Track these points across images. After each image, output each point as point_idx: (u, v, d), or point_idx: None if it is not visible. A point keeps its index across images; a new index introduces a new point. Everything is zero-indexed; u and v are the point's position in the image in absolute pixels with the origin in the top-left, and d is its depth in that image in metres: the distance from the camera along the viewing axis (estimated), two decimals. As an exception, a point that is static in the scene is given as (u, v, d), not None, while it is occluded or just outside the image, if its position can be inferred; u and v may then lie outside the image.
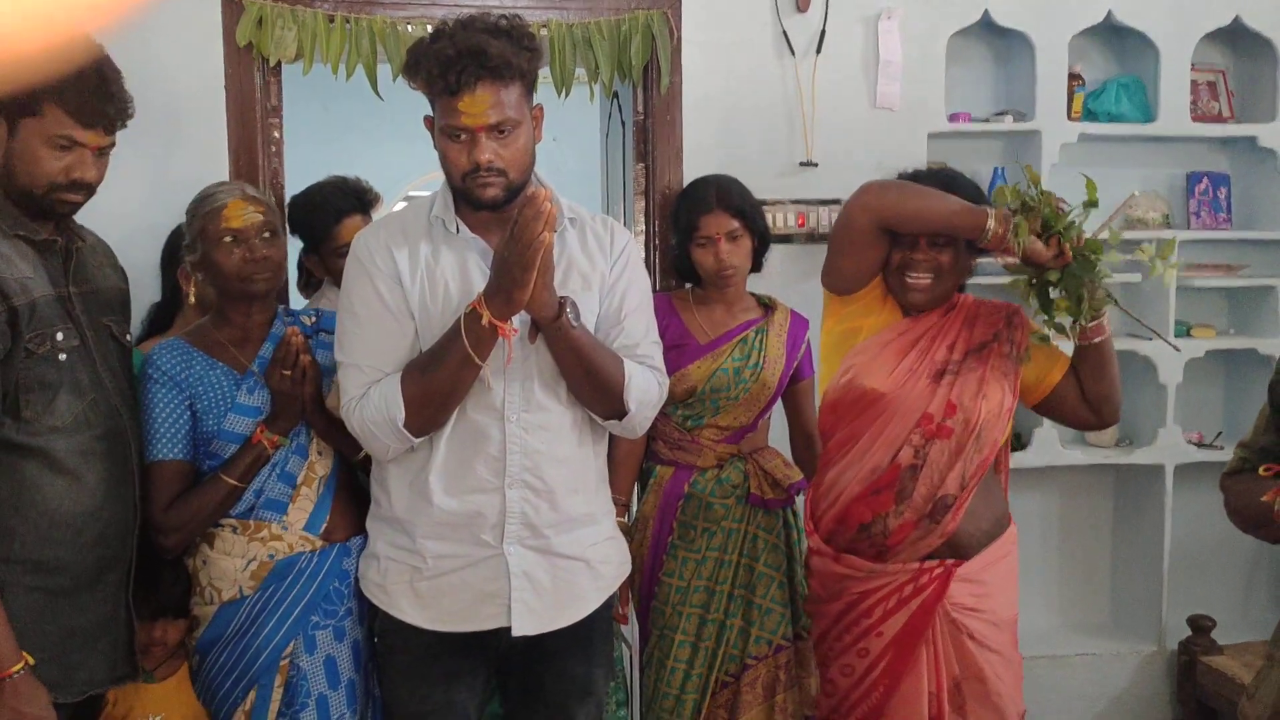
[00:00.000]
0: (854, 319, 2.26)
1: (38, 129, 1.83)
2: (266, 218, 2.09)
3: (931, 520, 2.14)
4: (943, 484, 2.13)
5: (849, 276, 2.23)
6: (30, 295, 1.83)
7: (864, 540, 2.19)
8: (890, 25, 3.17)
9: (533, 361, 1.94)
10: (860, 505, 2.18)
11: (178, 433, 2.05)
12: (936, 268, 2.18)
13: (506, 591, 1.94)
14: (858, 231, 2.16)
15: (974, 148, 3.39)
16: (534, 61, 1.91)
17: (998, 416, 2.16)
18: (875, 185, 2.19)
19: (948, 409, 2.14)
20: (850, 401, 2.21)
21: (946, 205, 2.11)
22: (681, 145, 3.13)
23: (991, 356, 2.18)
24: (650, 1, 3.06)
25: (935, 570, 2.16)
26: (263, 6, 2.87)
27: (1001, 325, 2.22)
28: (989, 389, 2.15)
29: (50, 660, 1.86)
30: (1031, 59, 3.29)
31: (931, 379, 2.17)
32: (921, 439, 2.14)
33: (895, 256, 2.19)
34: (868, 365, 2.20)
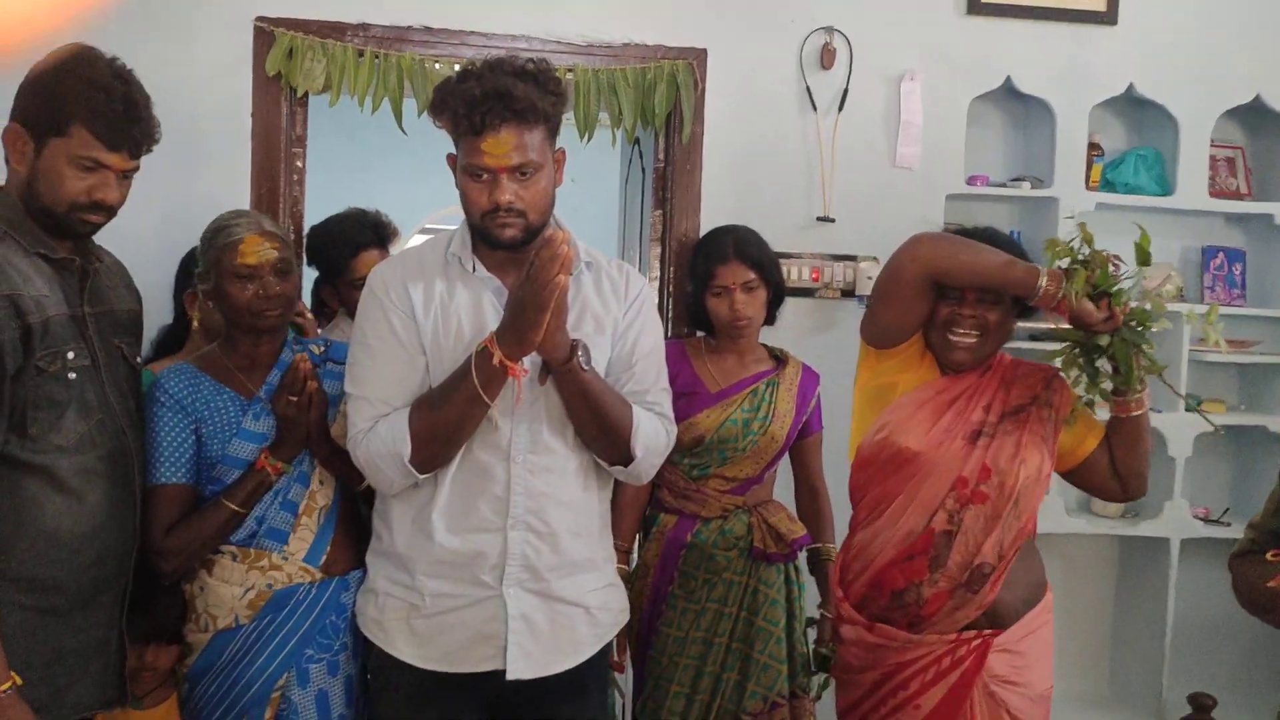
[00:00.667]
0: (890, 374, 2.19)
1: (64, 149, 1.84)
2: (281, 254, 2.09)
3: (968, 590, 2.08)
4: (979, 552, 2.07)
5: (890, 329, 2.17)
6: (45, 313, 1.83)
7: (897, 609, 2.12)
8: (913, 86, 3.20)
9: (541, 403, 1.94)
10: (893, 571, 2.12)
11: (181, 456, 2.04)
12: (983, 325, 2.11)
13: (503, 634, 1.92)
14: (905, 282, 2.09)
15: (990, 211, 3.41)
16: (558, 106, 1.92)
17: (1036, 482, 2.10)
18: (927, 236, 2.14)
19: (982, 473, 2.08)
20: (884, 460, 2.15)
21: (999, 259, 2.04)
22: (700, 194, 3.15)
23: (1029, 420, 2.12)
24: (676, 52, 3.10)
25: (974, 642, 2.08)
26: (294, 38, 2.90)
27: (1040, 388, 2.16)
28: (1027, 453, 2.09)
29: (39, 681, 1.83)
30: (1052, 126, 3.32)
31: (967, 440, 2.11)
32: (956, 504, 2.08)
33: (941, 311, 2.13)
34: (903, 423, 2.14)
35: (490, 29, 3.03)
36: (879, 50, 3.20)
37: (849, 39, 3.18)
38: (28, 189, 1.86)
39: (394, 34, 2.98)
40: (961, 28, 3.25)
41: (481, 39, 3.02)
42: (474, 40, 3.02)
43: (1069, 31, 3.29)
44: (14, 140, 1.86)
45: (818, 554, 2.71)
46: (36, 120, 1.84)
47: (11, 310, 1.78)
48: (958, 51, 3.25)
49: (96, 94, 1.82)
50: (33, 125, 1.85)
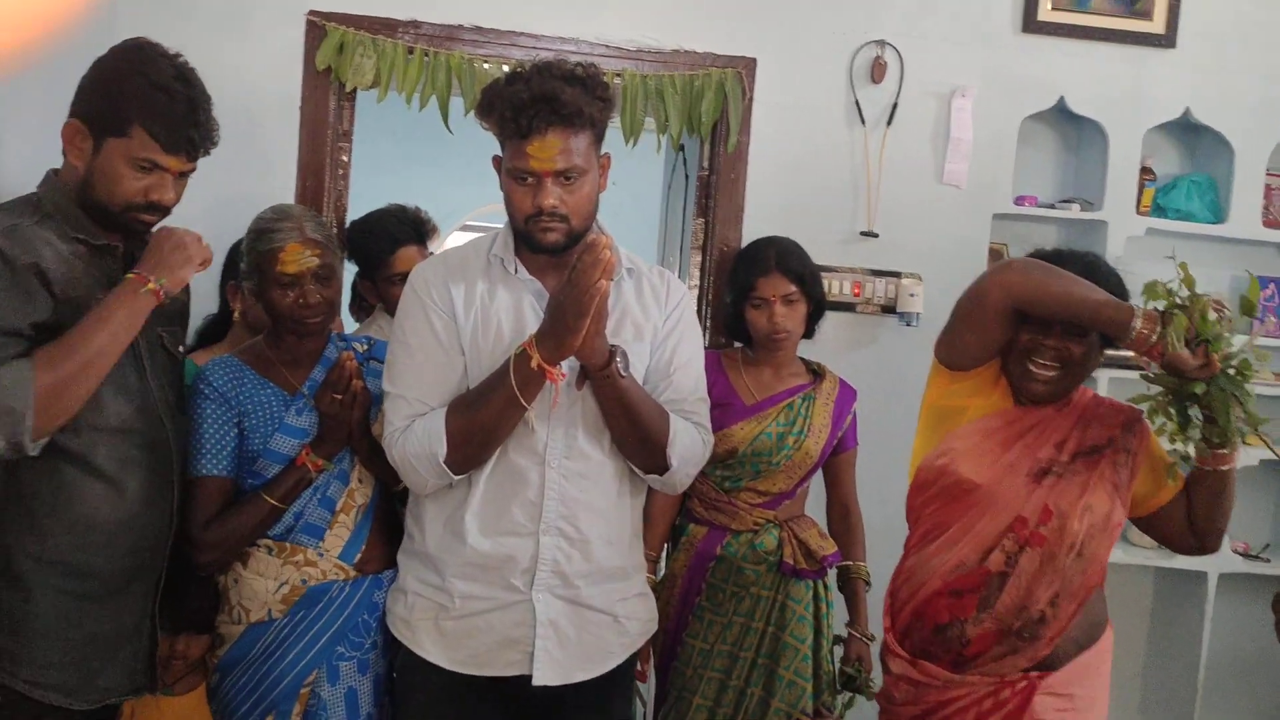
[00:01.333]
0: (960, 397, 2.09)
1: (122, 149, 1.84)
2: (323, 260, 2.08)
3: (1019, 638, 1.98)
4: (1031, 598, 1.97)
5: (967, 353, 2.07)
6: (77, 292, 1.82)
7: (939, 643, 2.04)
8: (964, 104, 3.17)
9: (578, 408, 1.93)
10: (938, 603, 2.04)
11: (223, 449, 2.05)
12: (1066, 359, 2.00)
13: (531, 639, 1.91)
14: (990, 308, 1.99)
15: (1038, 232, 3.36)
16: (605, 111, 1.92)
17: (1103, 531, 1.98)
18: (1019, 263, 2.01)
19: (1043, 514, 1.97)
20: (943, 487, 2.07)
21: (1092, 295, 1.90)
22: (743, 204, 3.13)
23: (1102, 463, 2.01)
24: (726, 60, 3.08)
25: (1019, 684, 1.99)
26: (345, 33, 2.92)
27: (1118, 431, 2.04)
28: (1094, 498, 1.98)
29: (70, 664, 1.85)
30: (1104, 149, 3.27)
31: (1031, 478, 2.00)
32: (1014, 544, 1.98)
33: (1023, 338, 2.01)
34: (967, 452, 2.04)
35: (540, 31, 3.03)
36: (931, 65, 3.17)
37: (900, 53, 3.15)
38: (83, 184, 1.87)
39: (444, 32, 2.99)
40: (1016, 46, 3.21)
41: (531, 40, 3.02)
42: (523, 41, 3.02)
43: (1125, 53, 3.25)
44: (72, 136, 1.87)
45: (847, 571, 2.68)
46: (96, 118, 1.85)
47: (40, 279, 1.77)
48: (1011, 70, 3.21)
49: (158, 95, 1.83)
50: (92, 123, 1.85)
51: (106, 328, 1.79)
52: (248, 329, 2.49)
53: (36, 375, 1.71)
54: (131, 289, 1.84)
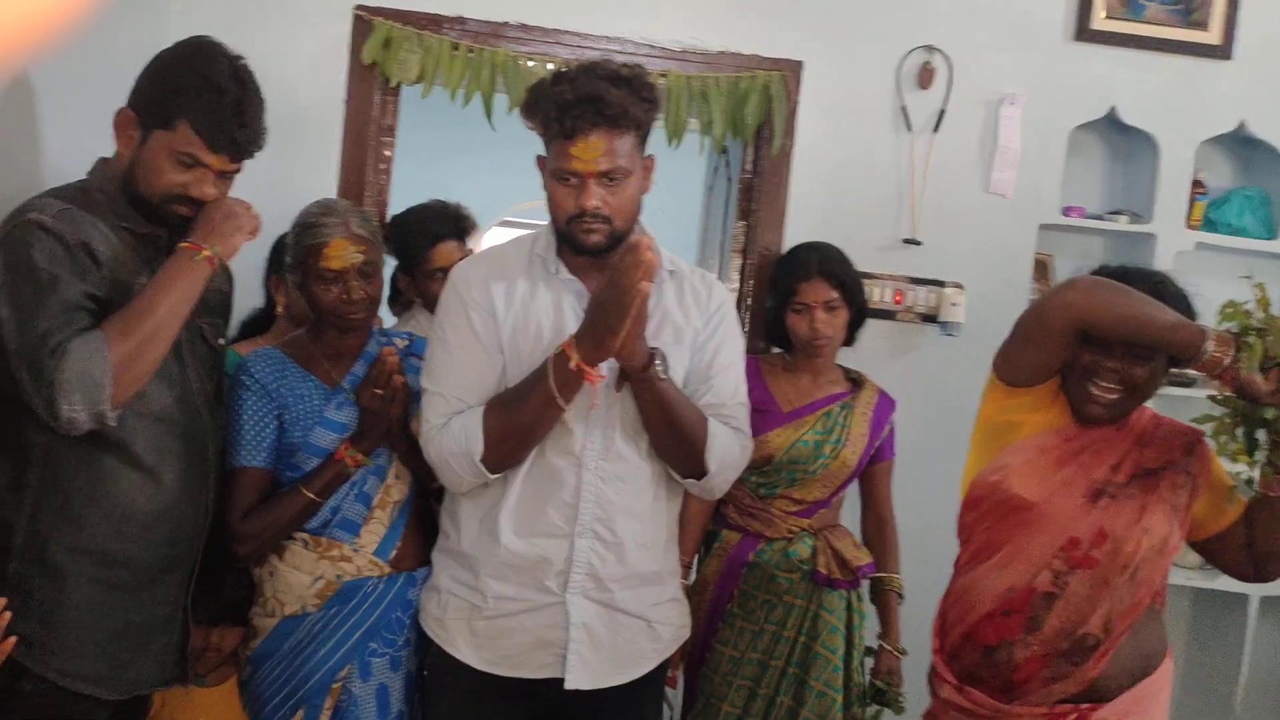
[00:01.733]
0: (1017, 413, 2.04)
1: (166, 142, 1.85)
2: (367, 256, 2.08)
3: (1069, 662, 1.93)
4: (1083, 621, 1.92)
5: (1026, 370, 2.01)
6: (122, 276, 1.83)
7: (988, 667, 1.99)
8: (1012, 112, 3.12)
9: (616, 410, 1.92)
10: (988, 625, 1.99)
11: (263, 441, 2.06)
12: (1128, 381, 1.94)
13: (564, 641, 1.90)
14: (1052, 327, 1.93)
15: (1084, 243, 3.32)
16: (651, 113, 1.90)
17: (1159, 554, 1.93)
18: (1084, 281, 1.95)
19: (1097, 536, 1.92)
20: (995, 504, 2.02)
21: (1161, 316, 1.85)
22: (786, 207, 3.10)
23: (1160, 486, 1.95)
24: (772, 63, 3.06)
25: (1068, 717, 1.94)
26: (391, 28, 2.92)
27: (1179, 453, 1.98)
28: (1151, 521, 1.93)
29: (101, 654, 1.85)
30: (1154, 160, 3.22)
31: (1086, 498, 1.95)
32: (1064, 565, 1.94)
33: (1084, 357, 1.95)
34: (1020, 469, 1.99)
35: (585, 29, 3.02)
36: (980, 72, 3.13)
37: (949, 59, 3.11)
38: (128, 173, 1.89)
39: (489, 29, 2.98)
40: (1067, 54, 3.16)
41: (576, 39, 3.01)
42: (568, 40, 3.01)
43: (1180, 64, 3.19)
44: (123, 125, 1.88)
45: (880, 583, 2.64)
46: (146, 109, 1.86)
47: (89, 259, 1.78)
48: (1062, 78, 3.16)
49: (208, 93, 1.83)
50: (142, 113, 1.86)
51: (168, 296, 1.81)
52: (291, 322, 2.49)
53: (110, 345, 1.72)
54: (186, 257, 1.85)
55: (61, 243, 1.75)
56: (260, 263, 2.65)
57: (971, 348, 3.13)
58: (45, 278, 1.73)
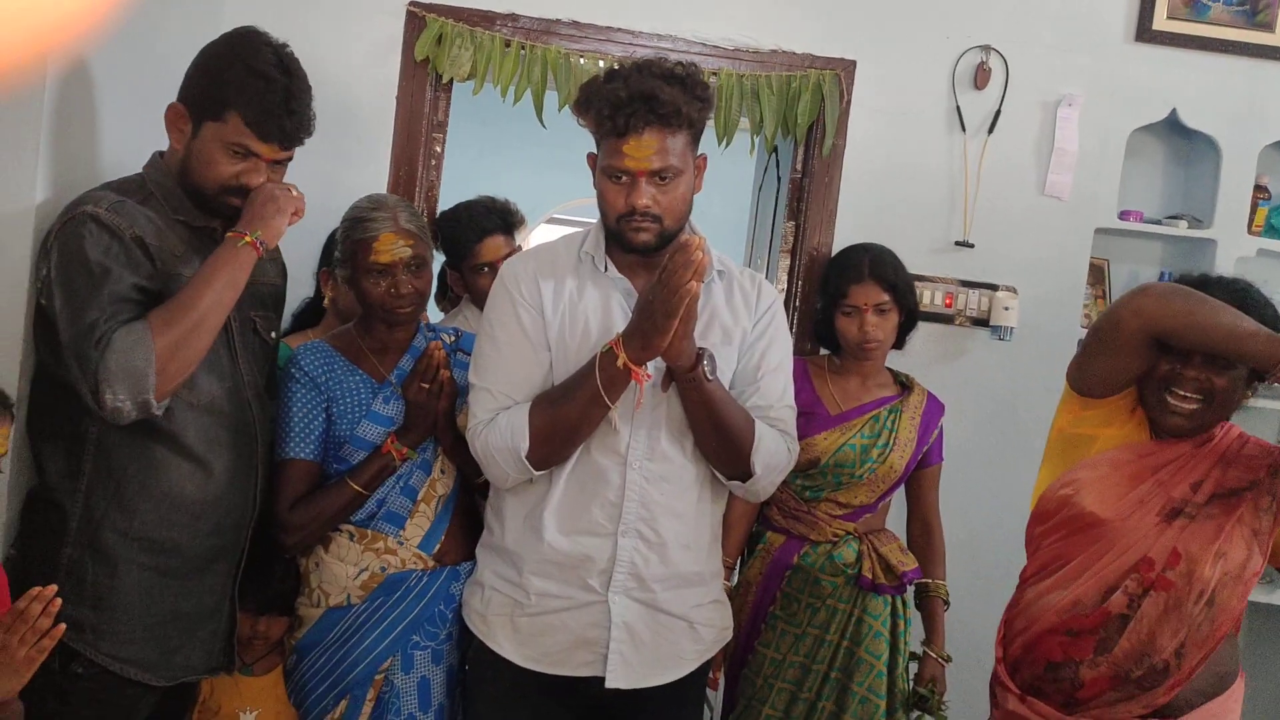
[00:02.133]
0: (1091, 425, 1.99)
1: (217, 133, 1.87)
2: (415, 250, 2.09)
3: (1138, 687, 1.89)
4: (1154, 645, 1.88)
5: (1100, 380, 1.97)
6: (176, 268, 1.86)
7: (1050, 681, 1.96)
8: (1070, 113, 3.07)
9: (662, 410, 1.91)
10: (1052, 640, 1.95)
11: (311, 433, 2.08)
12: (1208, 391, 1.89)
13: (605, 640, 1.90)
14: (1125, 336, 1.89)
15: (1142, 248, 3.25)
16: (704, 112, 1.89)
17: (1238, 580, 1.87)
18: (1157, 289, 1.93)
19: (1171, 557, 1.87)
20: (1066, 519, 1.98)
21: (1239, 325, 1.81)
22: (836, 208, 3.07)
23: (1241, 507, 1.89)
24: (824, 61, 3.03)
25: None
26: (444, 24, 2.93)
27: (1264, 474, 1.91)
28: (1230, 546, 1.87)
29: (150, 640, 1.88)
30: (1216, 165, 3.15)
31: (1162, 517, 1.90)
32: (1138, 586, 1.89)
33: (1162, 367, 1.91)
34: (1093, 484, 1.95)
35: (637, 27, 3.01)
36: (1037, 73, 3.08)
37: (1006, 59, 3.06)
38: (182, 165, 1.91)
39: (541, 26, 2.99)
40: (1128, 55, 3.10)
41: (628, 36, 3.00)
42: (620, 37, 3.01)
43: (1244, 66, 3.11)
44: (175, 118, 1.91)
45: (925, 589, 2.61)
46: (197, 101, 1.88)
47: (143, 252, 1.81)
48: (1122, 80, 3.10)
49: (256, 83, 1.85)
50: (193, 106, 1.89)
51: (212, 286, 1.82)
52: (339, 316, 2.51)
53: (154, 335, 1.74)
54: (230, 245, 1.87)
55: (114, 236, 1.78)
56: (310, 255, 2.68)
57: (1024, 353, 3.09)
58: (97, 270, 1.75)
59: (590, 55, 2.99)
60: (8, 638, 1.44)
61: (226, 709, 2.14)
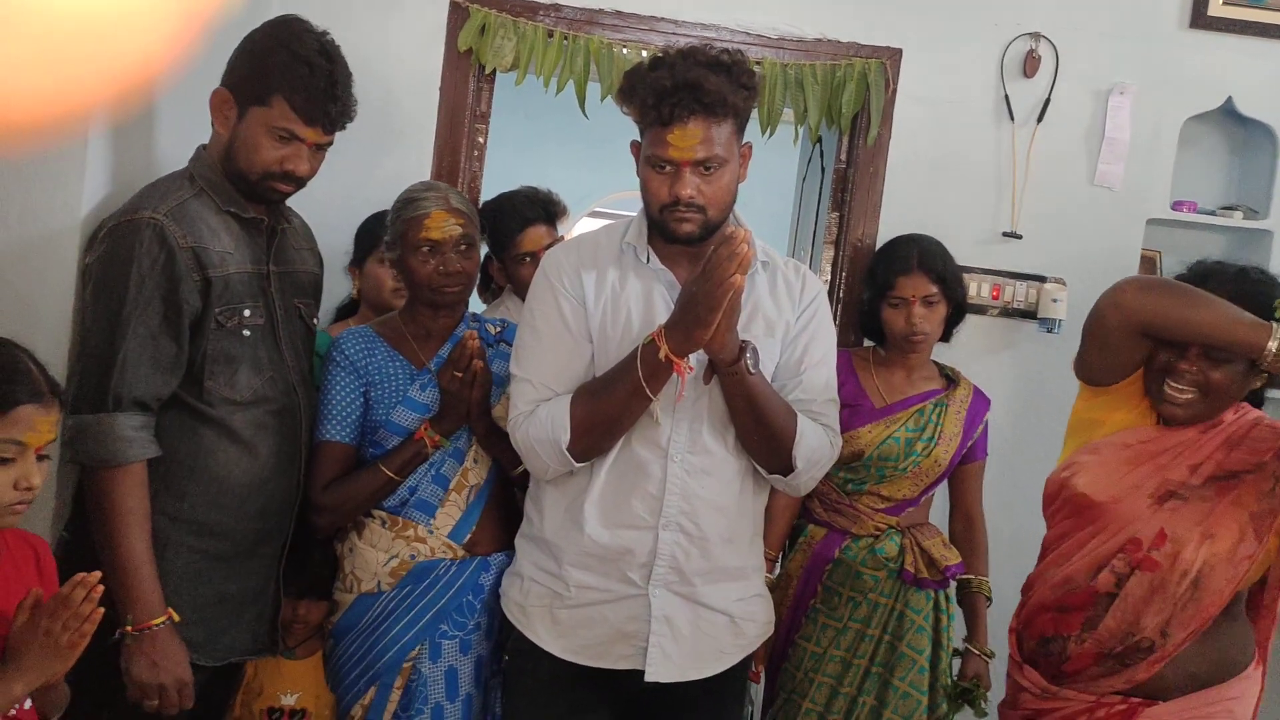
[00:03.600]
0: (1099, 411, 2.02)
1: (263, 118, 1.90)
2: (465, 230, 2.11)
3: (1119, 662, 1.92)
4: (1137, 623, 1.90)
5: (1097, 370, 2.00)
6: (227, 269, 1.90)
7: (1042, 654, 2.02)
8: (1122, 102, 3.01)
9: (704, 403, 1.89)
10: (1045, 616, 2.00)
11: (349, 417, 2.09)
12: (1203, 384, 1.89)
13: (645, 634, 1.89)
14: (1108, 330, 1.93)
15: (1195, 240, 3.17)
16: (750, 100, 1.87)
17: (1227, 563, 1.86)
18: (1135, 283, 1.94)
19: (1158, 538, 1.89)
20: (1064, 500, 2.02)
21: (1221, 316, 1.83)
22: (881, 199, 3.04)
23: (1238, 489, 1.88)
24: (870, 50, 2.99)
25: (1116, 706, 1.93)
26: (486, 15, 2.93)
27: (1270, 456, 1.89)
28: (1219, 528, 1.87)
29: (198, 622, 1.91)
30: (1273, 153, 3.08)
31: (1155, 499, 1.92)
32: (1125, 565, 1.91)
33: (1160, 357, 1.92)
34: (1091, 468, 1.97)
35: (681, 16, 2.99)
36: (1088, 61, 3.02)
37: (1056, 47, 3.01)
38: (226, 151, 1.94)
39: (585, 16, 2.97)
40: (1181, 42, 3.03)
41: (671, 26, 2.99)
42: (663, 27, 2.99)
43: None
44: (220, 104, 1.94)
45: (968, 585, 2.58)
46: (242, 87, 1.91)
47: (195, 262, 1.86)
48: (1175, 67, 3.03)
49: (300, 68, 1.87)
50: (238, 92, 1.91)
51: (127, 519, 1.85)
52: (369, 307, 2.53)
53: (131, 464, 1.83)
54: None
55: (166, 248, 1.83)
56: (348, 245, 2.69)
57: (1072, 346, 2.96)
58: (134, 288, 1.81)
59: (633, 45, 2.97)
60: (51, 623, 1.46)
61: (269, 691, 2.17)
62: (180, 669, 1.83)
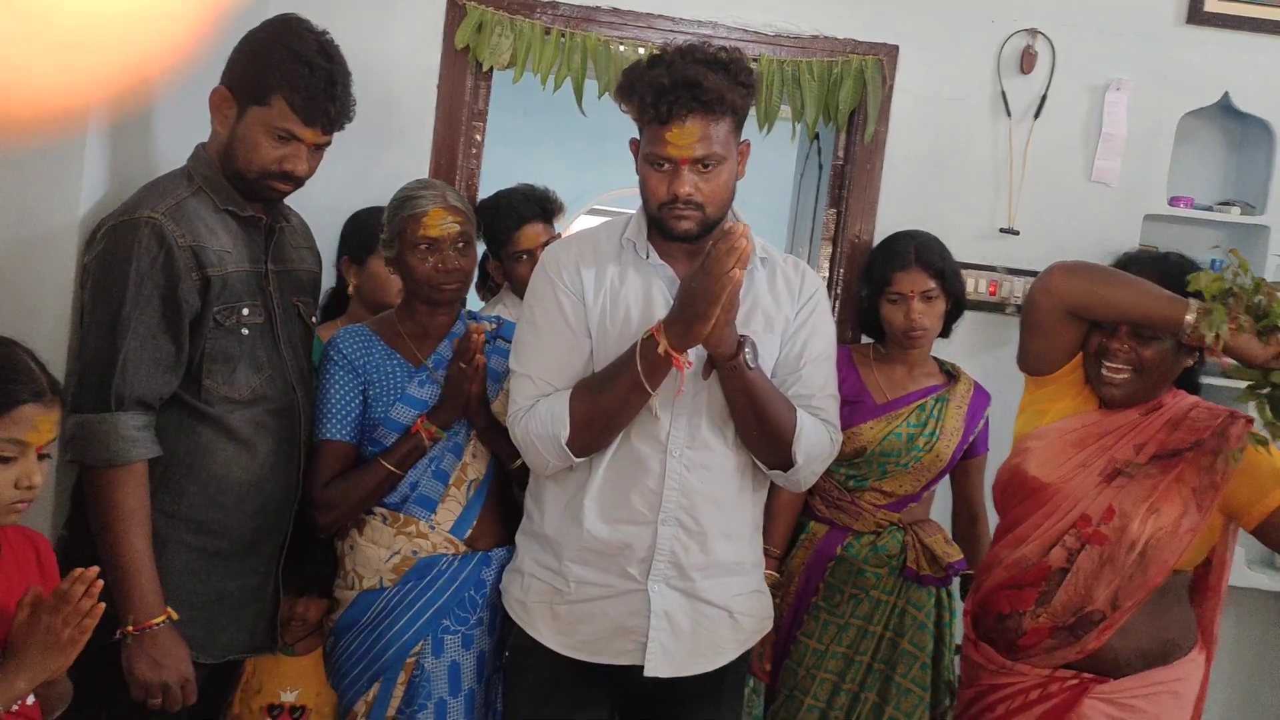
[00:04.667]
0: (1043, 402, 2.10)
1: (262, 117, 1.90)
2: (463, 228, 2.11)
3: (1072, 634, 1.98)
4: (1089, 596, 1.96)
5: (1036, 358, 2.08)
6: (226, 268, 1.90)
7: (999, 631, 2.07)
8: (1119, 97, 3.01)
9: (703, 398, 1.90)
10: (1001, 595, 2.06)
11: (348, 415, 2.09)
12: (1136, 362, 1.97)
13: (644, 629, 1.89)
14: (1041, 314, 2.02)
15: (1192, 235, 3.17)
16: (748, 98, 1.87)
17: (1171, 535, 1.93)
18: (1062, 267, 2.01)
19: (1106, 513, 1.96)
20: (1015, 486, 2.08)
21: (1141, 294, 1.92)
22: (878, 195, 3.04)
23: (1180, 466, 1.95)
24: (867, 47, 2.99)
25: (1068, 681, 1.99)
26: (484, 12, 2.93)
27: (1209, 434, 1.96)
28: (1164, 503, 1.94)
29: (197, 620, 1.91)
30: (1270, 149, 3.08)
31: (1102, 477, 1.98)
32: (1076, 541, 1.98)
33: (1093, 341, 2.02)
34: (1039, 452, 2.05)
35: (678, 14, 2.99)
36: (1085, 56, 3.02)
37: (1053, 43, 3.01)
38: (225, 150, 1.94)
39: (582, 13, 2.98)
40: (1178, 38, 3.03)
41: (669, 23, 2.99)
42: (661, 24, 2.99)
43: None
44: (219, 103, 1.94)
45: (971, 581, 2.58)
46: (241, 86, 1.91)
47: (193, 260, 1.86)
48: (1172, 63, 3.03)
49: (300, 68, 1.88)
50: (237, 90, 1.91)
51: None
52: (364, 304, 2.53)
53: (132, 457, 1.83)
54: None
55: (165, 247, 1.82)
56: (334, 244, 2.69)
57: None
58: (133, 287, 1.81)
59: (630, 43, 2.97)
60: (52, 619, 1.47)
61: (268, 688, 2.17)
62: (183, 666, 1.84)
